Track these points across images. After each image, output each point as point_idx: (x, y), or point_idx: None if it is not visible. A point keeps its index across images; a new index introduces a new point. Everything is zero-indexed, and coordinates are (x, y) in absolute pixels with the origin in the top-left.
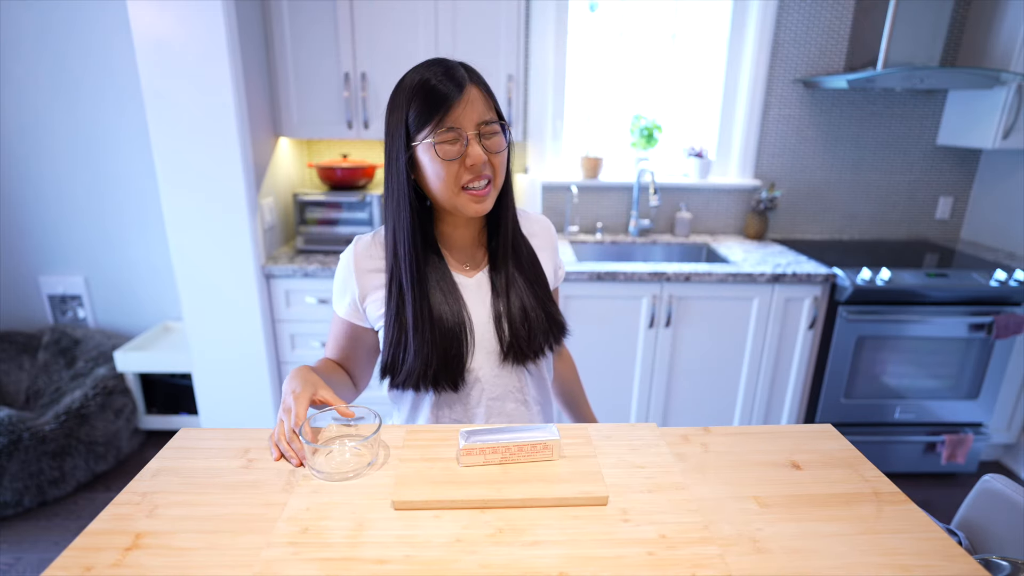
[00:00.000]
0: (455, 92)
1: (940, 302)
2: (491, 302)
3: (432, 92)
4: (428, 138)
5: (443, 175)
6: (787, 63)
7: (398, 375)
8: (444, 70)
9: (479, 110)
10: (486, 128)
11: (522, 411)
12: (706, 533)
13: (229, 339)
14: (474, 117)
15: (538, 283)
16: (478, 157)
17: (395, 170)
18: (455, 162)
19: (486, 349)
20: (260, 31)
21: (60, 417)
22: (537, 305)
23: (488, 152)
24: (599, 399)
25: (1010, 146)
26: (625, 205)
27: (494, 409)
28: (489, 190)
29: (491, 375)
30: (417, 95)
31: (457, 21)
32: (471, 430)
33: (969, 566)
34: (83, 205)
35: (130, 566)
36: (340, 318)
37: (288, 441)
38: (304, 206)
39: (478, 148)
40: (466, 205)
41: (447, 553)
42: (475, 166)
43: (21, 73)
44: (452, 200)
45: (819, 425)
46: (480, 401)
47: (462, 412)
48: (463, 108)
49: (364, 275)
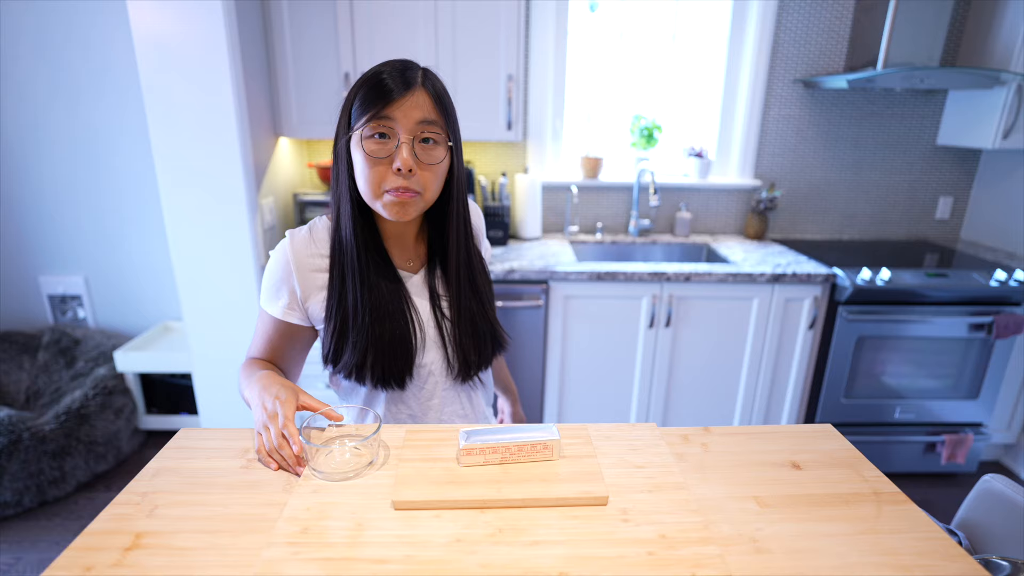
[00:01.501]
0: (400, 89)
1: (940, 302)
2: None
3: (378, 84)
4: (361, 130)
5: (368, 174)
6: (787, 63)
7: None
8: (400, 67)
9: (422, 114)
10: (425, 132)
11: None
12: (706, 533)
13: (229, 339)
14: (414, 117)
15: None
16: (405, 163)
17: (337, 158)
18: (382, 162)
19: (437, 344)
20: (260, 31)
21: (60, 417)
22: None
23: (419, 161)
24: (599, 399)
25: (1010, 146)
26: (625, 205)
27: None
28: (414, 198)
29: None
30: (364, 85)
31: (457, 21)
32: (471, 430)
33: (969, 566)
34: (83, 205)
35: (130, 566)
36: (273, 318)
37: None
38: (304, 206)
39: (408, 153)
40: (386, 208)
41: (447, 553)
42: (401, 172)
43: (21, 73)
44: (372, 200)
45: (819, 425)
46: (434, 393)
47: (417, 407)
48: (404, 107)
49: (306, 274)
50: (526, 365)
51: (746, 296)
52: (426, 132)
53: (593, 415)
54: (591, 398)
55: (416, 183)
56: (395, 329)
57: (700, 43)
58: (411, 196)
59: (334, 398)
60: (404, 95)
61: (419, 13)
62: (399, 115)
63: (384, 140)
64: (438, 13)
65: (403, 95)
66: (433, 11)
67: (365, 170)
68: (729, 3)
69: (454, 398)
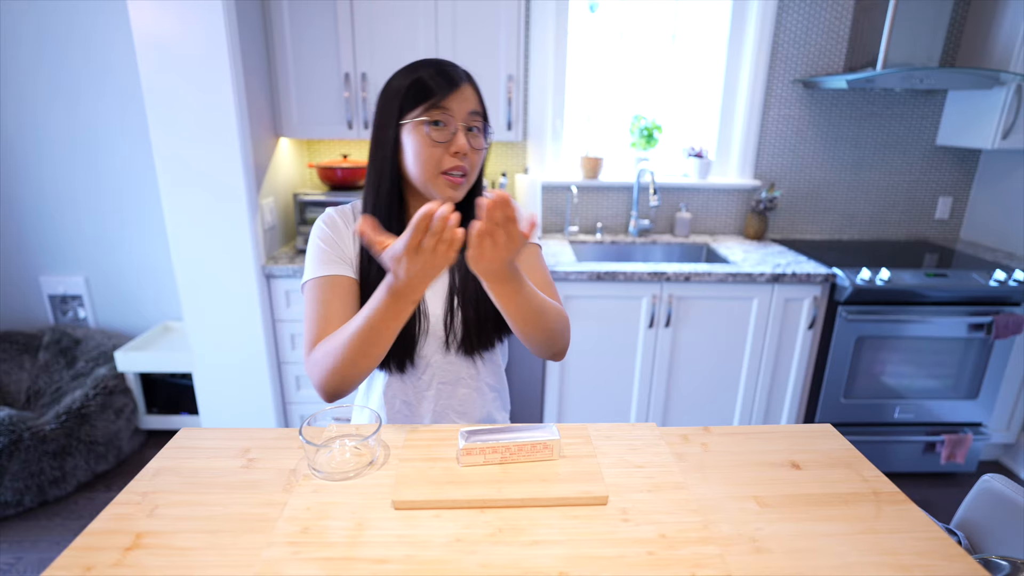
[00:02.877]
0: (453, 82)
1: (940, 302)
2: (447, 291)
3: (432, 78)
4: (420, 117)
5: (426, 156)
6: (787, 63)
7: None
8: (447, 64)
9: (471, 106)
10: (473, 122)
11: (474, 397)
12: (706, 533)
13: (229, 339)
14: (466, 108)
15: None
16: (462, 146)
17: (381, 145)
18: (440, 146)
19: (438, 336)
20: (260, 31)
21: (61, 417)
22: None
23: (471, 147)
24: (599, 399)
25: (1009, 146)
26: (625, 205)
27: (444, 393)
28: (463, 182)
29: (442, 360)
30: (417, 79)
31: (457, 21)
32: (471, 430)
33: (968, 566)
34: (83, 205)
35: (131, 566)
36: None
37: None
38: (304, 206)
39: (463, 138)
40: (442, 189)
41: (447, 553)
42: (459, 153)
43: (21, 73)
44: (429, 182)
45: (819, 425)
46: (431, 384)
47: (413, 395)
48: (458, 99)
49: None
50: (526, 365)
51: (746, 296)
52: (473, 122)
53: (593, 415)
54: (591, 398)
55: (468, 164)
56: None
57: (700, 43)
58: (461, 179)
59: None
60: (458, 88)
61: (419, 13)
62: (455, 105)
63: (441, 127)
64: (438, 13)
65: (457, 88)
66: (433, 11)
67: (423, 153)
68: (729, 3)
69: (450, 393)
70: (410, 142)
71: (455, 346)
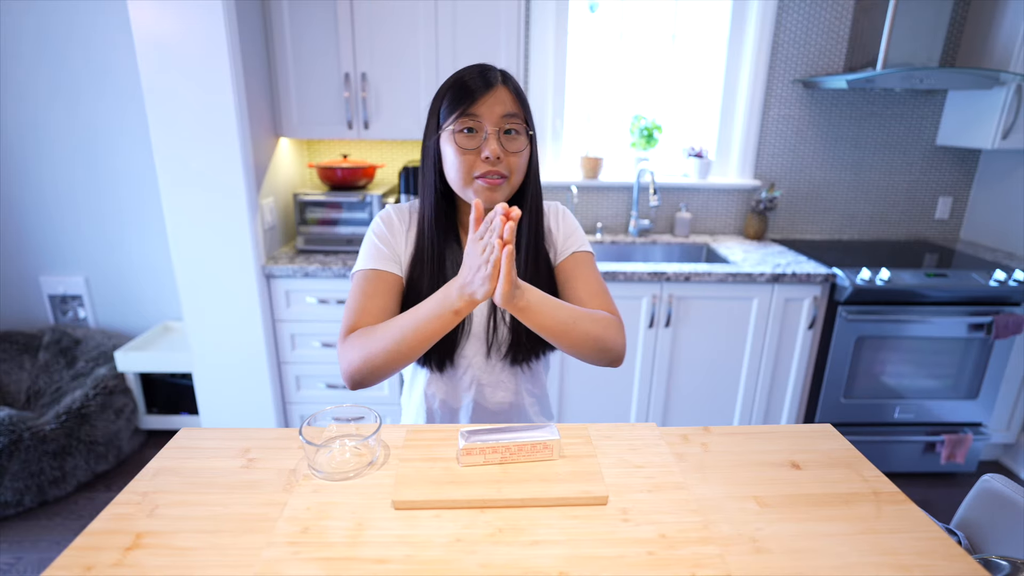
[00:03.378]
0: (482, 88)
1: (939, 302)
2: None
3: (463, 86)
4: (450, 127)
5: (459, 164)
6: (787, 63)
7: None
8: (480, 70)
9: (504, 108)
10: (507, 124)
11: (513, 401)
12: (706, 533)
13: (229, 339)
14: (498, 111)
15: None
16: (493, 151)
17: (426, 156)
18: (471, 153)
19: (480, 339)
20: (260, 31)
21: (61, 417)
22: None
23: (506, 151)
24: (599, 399)
25: (1009, 146)
26: (625, 205)
27: (484, 395)
28: (501, 184)
29: (483, 364)
30: (451, 88)
31: (457, 21)
32: (471, 430)
33: (968, 566)
34: (83, 205)
35: (131, 566)
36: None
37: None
38: (304, 206)
39: (495, 143)
40: (478, 193)
41: (447, 553)
42: (490, 159)
43: (22, 73)
44: (464, 188)
45: (818, 425)
46: (471, 386)
47: (452, 395)
48: (487, 103)
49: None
50: None
51: (746, 296)
52: (508, 124)
53: (593, 415)
54: (591, 398)
55: (503, 167)
56: None
57: (700, 43)
58: (499, 181)
59: (333, 398)
60: (487, 93)
61: (419, 13)
62: (484, 111)
63: (472, 134)
64: (438, 13)
65: (486, 93)
66: (433, 11)
67: (456, 161)
68: (729, 3)
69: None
70: (446, 151)
71: (498, 354)
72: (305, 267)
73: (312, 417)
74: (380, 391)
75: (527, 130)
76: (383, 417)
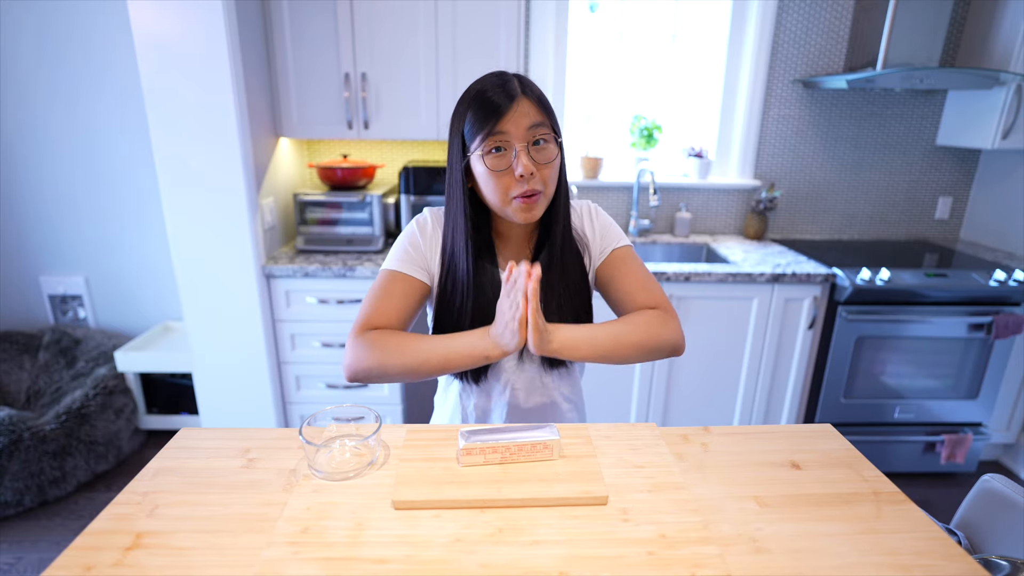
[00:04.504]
0: (506, 103)
1: (939, 302)
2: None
3: (485, 103)
4: (479, 149)
5: (493, 185)
6: (787, 63)
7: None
8: (499, 82)
9: (530, 120)
10: (535, 136)
11: (548, 405)
12: (706, 533)
13: (229, 339)
14: (524, 125)
15: (578, 295)
16: (526, 168)
17: (453, 179)
18: (504, 173)
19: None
20: (260, 31)
21: (61, 417)
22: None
23: (537, 163)
24: (599, 399)
25: (1009, 146)
26: (625, 205)
27: (518, 400)
28: (538, 199)
29: (516, 368)
30: (471, 106)
31: (457, 21)
32: (471, 430)
33: (969, 566)
34: (83, 205)
35: (131, 566)
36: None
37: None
38: (304, 206)
39: (526, 159)
40: (516, 214)
41: (447, 553)
42: (524, 177)
43: (21, 73)
44: (502, 209)
45: (819, 425)
46: (504, 391)
47: (486, 400)
48: (512, 118)
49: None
50: None
51: (746, 296)
52: (537, 135)
53: (593, 415)
54: (591, 398)
55: (537, 183)
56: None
57: (700, 43)
58: (535, 198)
59: (333, 398)
60: (511, 107)
61: (419, 13)
62: (510, 127)
63: (501, 153)
64: (438, 13)
65: (509, 108)
66: (433, 11)
67: (490, 183)
68: (729, 3)
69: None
70: (479, 173)
71: (530, 358)
72: (305, 267)
73: (312, 417)
74: (380, 391)
75: (555, 137)
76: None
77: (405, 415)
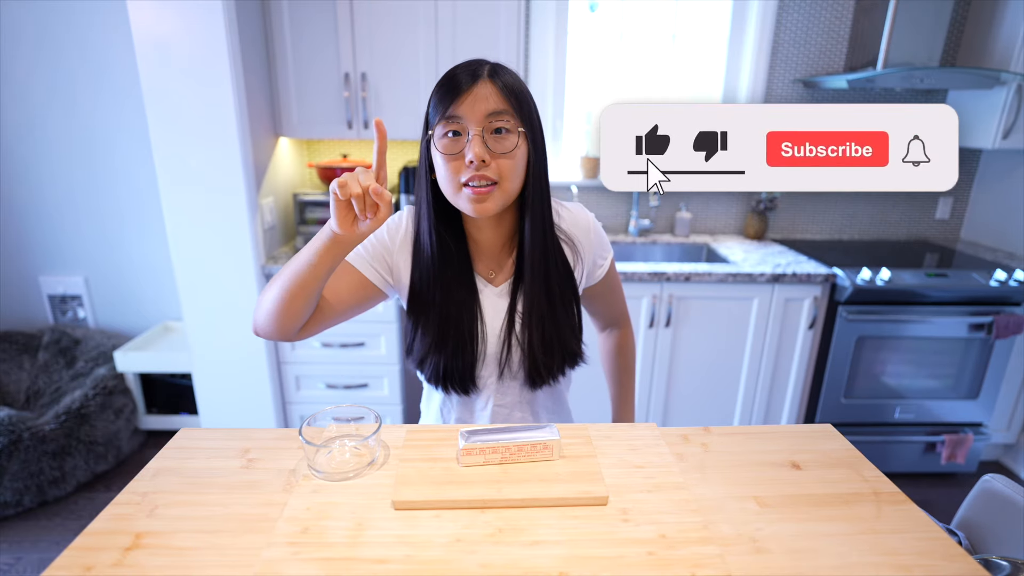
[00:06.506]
0: (466, 83)
1: (940, 302)
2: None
3: (446, 85)
4: (435, 132)
5: (445, 171)
6: (787, 63)
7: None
8: (468, 65)
9: (489, 106)
10: (495, 124)
11: (530, 420)
12: (706, 533)
13: (229, 339)
14: (481, 110)
15: (564, 308)
16: (477, 155)
17: (420, 168)
18: (456, 158)
19: (496, 360)
20: (260, 31)
21: (60, 417)
22: (556, 335)
23: (492, 152)
24: (600, 399)
25: (1010, 146)
26: (625, 205)
27: (500, 416)
28: (492, 191)
29: (496, 385)
30: (437, 87)
31: (457, 21)
32: (471, 430)
33: (969, 566)
34: (83, 205)
35: (130, 566)
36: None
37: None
38: (304, 206)
39: (479, 146)
40: (467, 204)
41: (447, 553)
42: (473, 163)
43: (21, 73)
44: (454, 198)
45: (819, 425)
46: (486, 405)
47: (467, 414)
48: (469, 101)
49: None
50: None
51: (746, 296)
52: (496, 123)
53: (593, 415)
54: (591, 398)
55: (492, 172)
56: (459, 337)
57: (700, 43)
58: (489, 188)
59: (333, 398)
60: (469, 90)
61: (419, 13)
62: (466, 111)
63: (457, 137)
64: (438, 13)
65: (468, 90)
66: (433, 11)
67: (443, 167)
68: (729, 3)
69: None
70: (435, 159)
71: (511, 376)
72: None
73: (312, 417)
74: (380, 391)
75: (521, 129)
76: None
77: (405, 415)
